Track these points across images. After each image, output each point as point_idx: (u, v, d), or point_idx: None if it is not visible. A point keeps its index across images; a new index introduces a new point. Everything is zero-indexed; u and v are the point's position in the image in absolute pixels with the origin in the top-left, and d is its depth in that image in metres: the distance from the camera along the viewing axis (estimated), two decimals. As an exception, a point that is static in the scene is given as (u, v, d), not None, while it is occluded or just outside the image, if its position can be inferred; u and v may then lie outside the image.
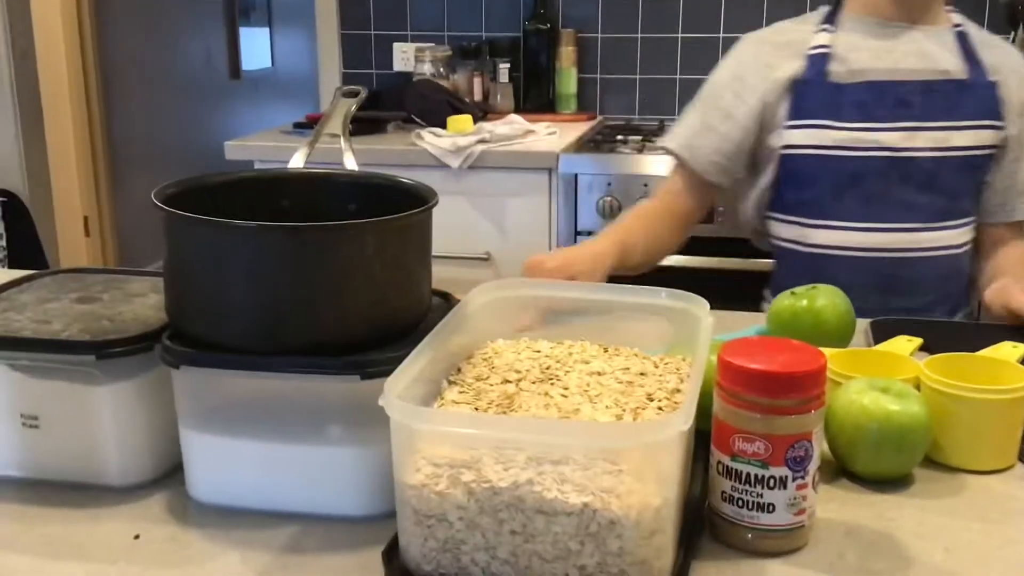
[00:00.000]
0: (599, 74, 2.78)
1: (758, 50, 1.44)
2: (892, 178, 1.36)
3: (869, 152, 1.35)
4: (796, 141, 1.38)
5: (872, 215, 1.36)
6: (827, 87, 1.37)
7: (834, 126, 1.36)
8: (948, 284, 1.42)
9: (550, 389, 0.78)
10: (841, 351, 0.94)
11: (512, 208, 2.33)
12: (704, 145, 1.45)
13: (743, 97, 1.42)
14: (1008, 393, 0.83)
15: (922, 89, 1.35)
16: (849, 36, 1.39)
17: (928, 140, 1.35)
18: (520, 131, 2.39)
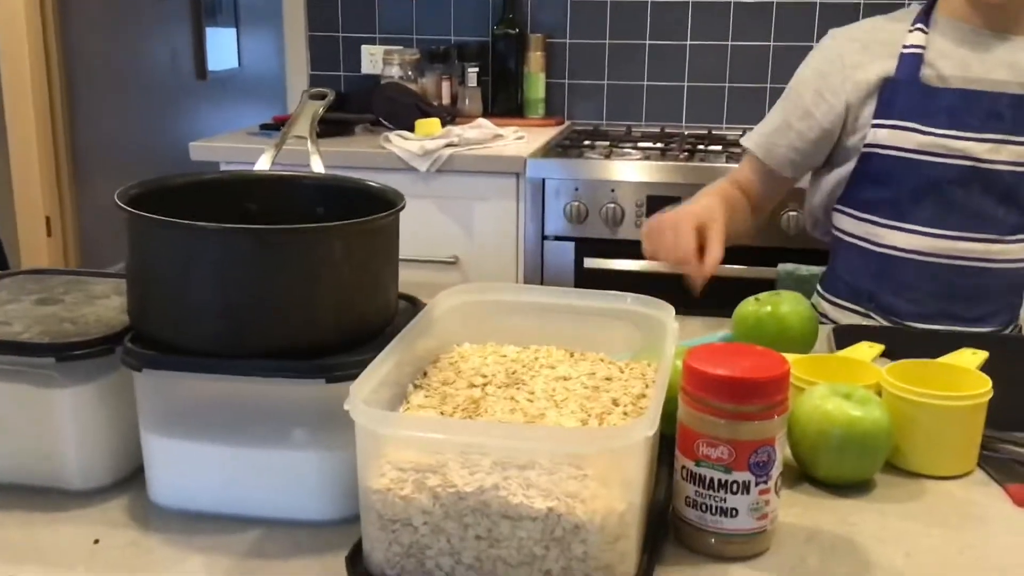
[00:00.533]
0: (567, 79, 2.78)
1: (845, 48, 1.40)
2: (973, 188, 1.33)
3: (954, 160, 1.32)
4: (881, 141, 1.35)
5: (947, 223, 1.34)
6: (918, 89, 1.33)
7: (922, 130, 1.33)
8: (1010, 296, 1.40)
9: (516, 394, 0.78)
10: (804, 357, 0.95)
11: (480, 212, 2.32)
12: (780, 143, 1.43)
13: (824, 96, 1.39)
14: (968, 400, 0.84)
15: (1014, 103, 1.33)
16: (942, 39, 1.36)
17: (1013, 154, 1.33)
18: (488, 135, 2.39)
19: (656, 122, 2.75)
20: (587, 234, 2.27)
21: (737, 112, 2.72)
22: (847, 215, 1.43)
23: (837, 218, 1.45)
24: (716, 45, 2.69)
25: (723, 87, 2.72)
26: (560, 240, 2.30)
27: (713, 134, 2.63)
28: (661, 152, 2.36)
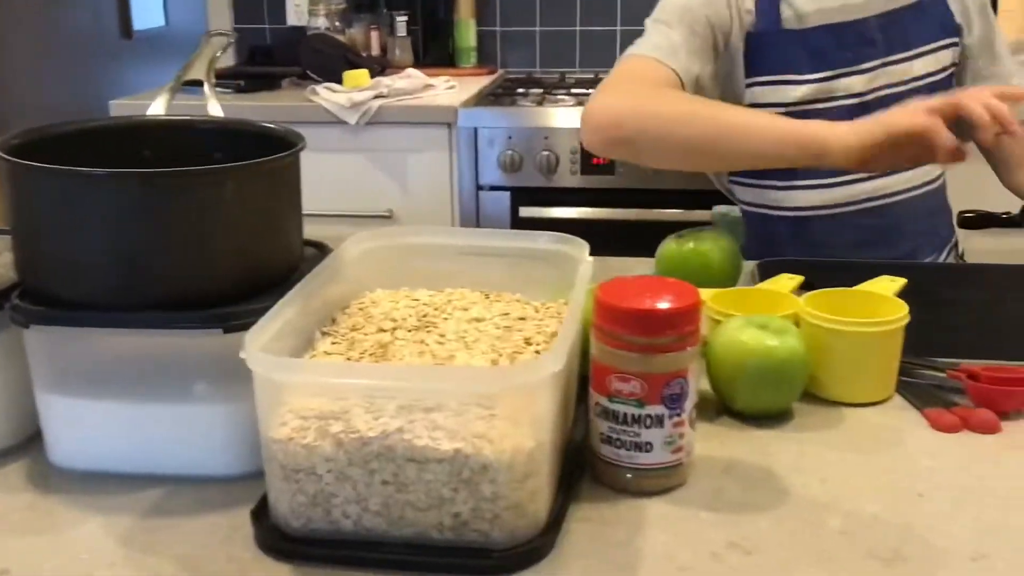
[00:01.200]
0: (499, 27, 2.74)
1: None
2: None
3: (838, 102, 1.26)
4: (759, 100, 1.27)
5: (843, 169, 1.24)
6: (781, 36, 1.26)
7: (797, 80, 1.26)
8: (932, 221, 1.36)
9: (426, 337, 0.76)
10: (724, 291, 0.94)
11: (412, 164, 2.29)
12: (694, 72, 1.24)
13: (714, 26, 1.25)
14: (884, 325, 0.84)
15: (880, 23, 1.27)
16: None
17: (891, 76, 1.28)
18: (419, 85, 2.35)
19: (591, 68, 2.72)
20: (522, 183, 2.25)
21: (670, 55, 2.70)
22: (745, 185, 1.37)
23: (738, 191, 1.40)
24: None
25: (656, 30, 2.69)
26: (495, 190, 2.27)
27: (647, 78, 2.61)
28: (594, 98, 2.33)
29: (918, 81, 1.29)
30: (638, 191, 2.23)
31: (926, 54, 1.30)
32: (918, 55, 1.29)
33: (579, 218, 2.26)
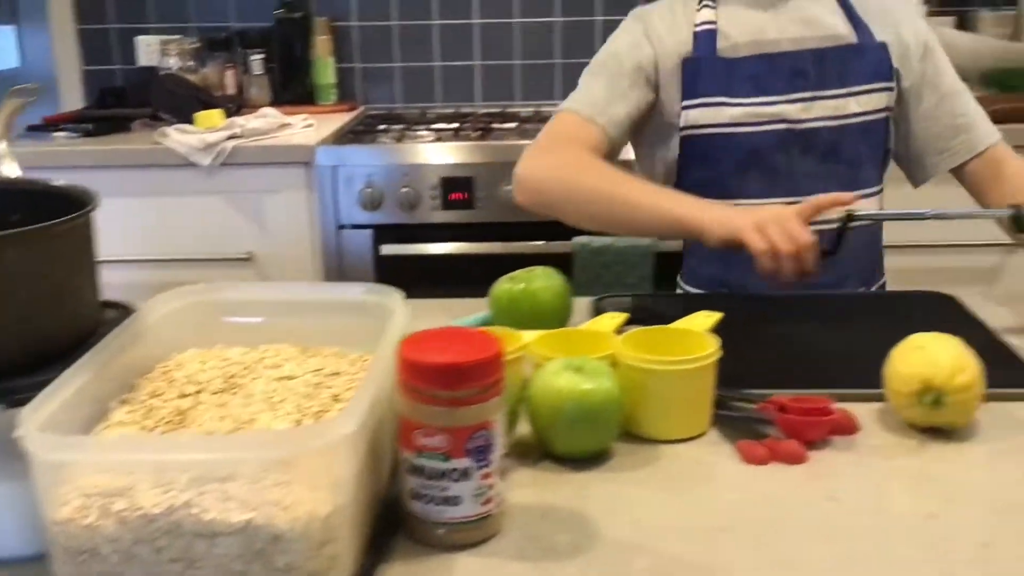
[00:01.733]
0: (358, 63, 2.73)
1: (649, 23, 1.38)
2: (793, 151, 1.33)
3: (767, 126, 1.31)
4: (694, 121, 1.33)
5: (777, 190, 1.32)
6: (718, 63, 1.32)
7: (731, 102, 1.31)
8: (863, 255, 1.39)
9: (231, 399, 0.74)
10: (549, 333, 0.95)
11: (270, 205, 2.25)
12: (620, 113, 1.35)
13: (643, 66, 1.35)
14: (695, 362, 0.86)
15: (814, 57, 1.32)
16: (732, 9, 1.36)
17: (825, 109, 1.32)
18: (275, 124, 2.32)
19: (451, 103, 2.74)
20: (384, 220, 2.24)
21: (529, 89, 2.74)
22: None
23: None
24: (503, 23, 2.69)
25: (512, 64, 2.72)
26: (357, 228, 2.25)
27: (507, 111, 2.64)
28: (454, 132, 2.34)
29: (853, 118, 1.34)
30: (500, 224, 2.24)
31: (861, 94, 1.34)
32: (852, 93, 1.34)
33: (442, 253, 2.26)
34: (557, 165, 1.32)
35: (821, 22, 1.35)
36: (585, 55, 2.66)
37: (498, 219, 2.24)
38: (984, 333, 1.07)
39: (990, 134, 1.37)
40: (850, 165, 1.36)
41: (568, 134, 1.35)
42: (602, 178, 1.29)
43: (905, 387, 0.86)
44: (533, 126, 2.37)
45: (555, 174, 1.31)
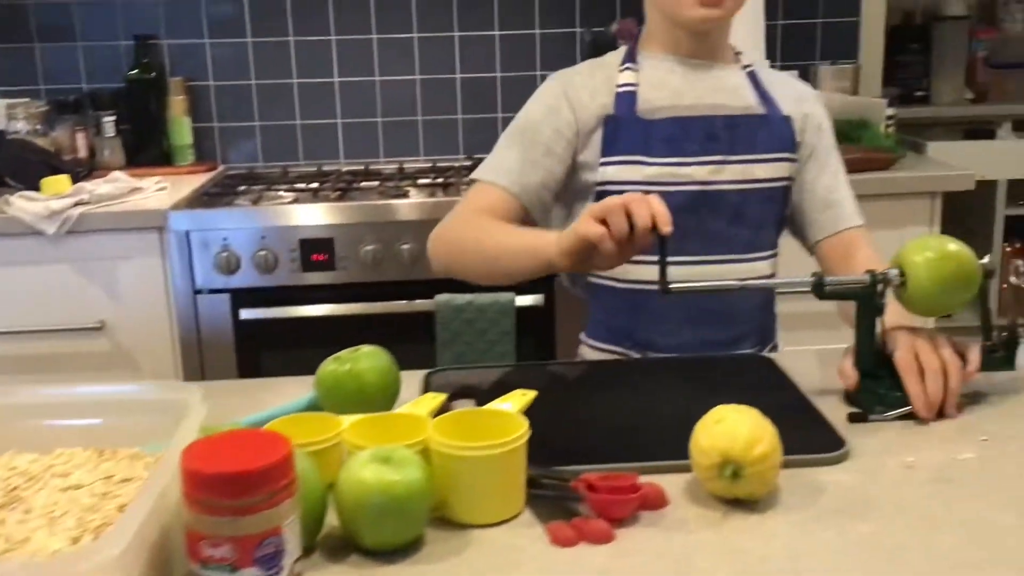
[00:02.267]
0: (216, 122, 2.69)
1: (569, 87, 1.41)
2: (703, 211, 1.36)
3: (680, 187, 1.36)
4: (611, 177, 1.36)
5: (685, 249, 1.34)
6: (637, 123, 1.37)
7: (646, 161, 1.35)
8: (759, 316, 1.44)
9: (9, 516, 0.71)
10: (364, 418, 0.94)
11: (123, 271, 2.19)
12: (533, 181, 1.39)
13: (561, 131, 1.39)
14: (501, 447, 0.86)
15: (726, 124, 1.38)
16: (653, 73, 1.40)
17: (734, 173, 1.37)
18: (125, 189, 2.26)
19: (314, 160, 2.72)
20: (242, 284, 2.20)
21: (393, 146, 2.74)
22: None
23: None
24: (365, 81, 2.70)
25: (375, 122, 2.73)
26: (214, 293, 2.21)
27: (370, 169, 2.64)
28: (313, 193, 2.33)
29: (759, 183, 1.40)
30: (360, 284, 2.23)
31: (766, 161, 1.40)
32: (759, 160, 1.40)
33: (304, 316, 2.23)
34: (450, 228, 1.38)
35: (734, 92, 1.42)
36: (447, 112, 2.73)
37: (360, 279, 2.23)
38: (796, 396, 1.11)
39: (854, 217, 1.44)
40: (753, 228, 1.41)
41: (480, 204, 1.39)
42: (482, 232, 1.34)
43: (706, 460, 0.88)
44: (395, 184, 2.38)
45: (446, 237, 1.38)
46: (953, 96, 3.45)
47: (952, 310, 1.09)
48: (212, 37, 2.64)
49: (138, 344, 2.21)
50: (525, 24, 2.68)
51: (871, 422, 1.06)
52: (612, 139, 1.38)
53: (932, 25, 3.44)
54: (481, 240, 1.33)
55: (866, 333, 1.09)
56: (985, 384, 1.13)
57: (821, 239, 1.44)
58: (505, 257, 1.29)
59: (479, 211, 1.38)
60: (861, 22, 2.74)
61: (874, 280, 1.07)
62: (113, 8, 2.61)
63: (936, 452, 0.98)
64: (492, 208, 1.38)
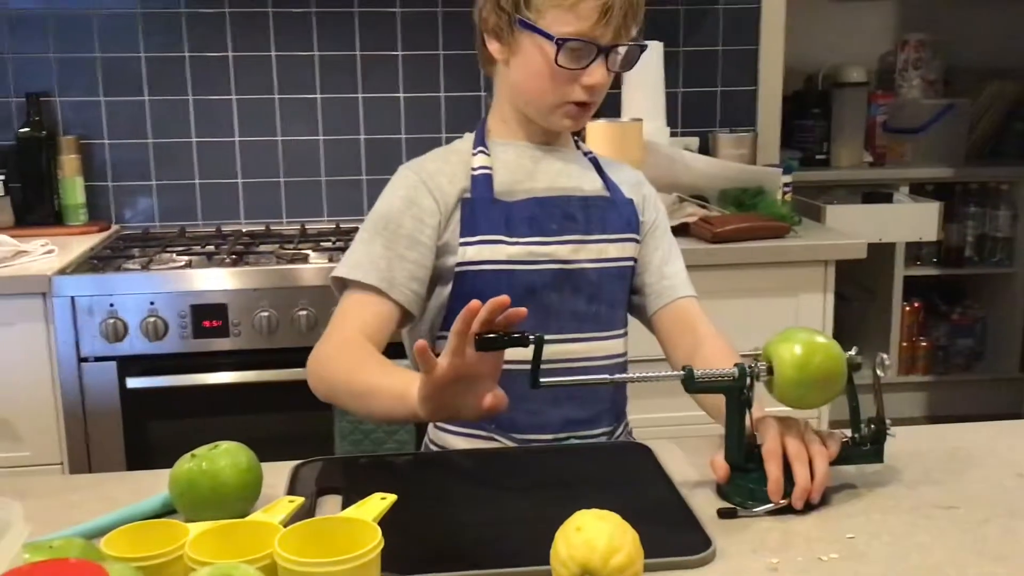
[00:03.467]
0: (111, 181, 2.62)
1: (423, 174, 1.39)
2: (565, 289, 1.37)
3: (543, 265, 1.37)
4: (471, 258, 1.35)
5: (548, 327, 1.34)
6: (496, 205, 1.37)
7: (507, 240, 1.35)
8: (614, 393, 1.44)
9: None
10: (211, 527, 0.90)
11: (5, 338, 2.09)
12: (401, 276, 1.34)
13: (423, 220, 1.36)
14: (352, 562, 0.82)
15: (582, 204, 1.40)
16: (505, 156, 1.41)
17: (591, 252, 1.39)
18: (8, 253, 2.18)
19: (214, 220, 2.67)
20: (129, 351, 2.13)
21: (296, 207, 2.71)
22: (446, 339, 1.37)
23: (439, 344, 1.40)
24: (267, 140, 2.67)
25: (278, 182, 2.69)
26: (100, 360, 2.13)
27: (271, 230, 2.59)
28: (208, 257, 2.27)
29: (612, 263, 1.42)
30: (256, 351, 2.18)
31: (617, 241, 1.43)
32: (610, 240, 1.42)
33: (193, 384, 2.16)
34: (322, 358, 1.31)
35: (582, 176, 1.45)
36: (353, 172, 2.71)
37: (254, 346, 2.17)
38: (667, 490, 1.10)
39: (687, 287, 1.47)
40: (609, 306, 1.43)
41: (352, 321, 1.34)
42: (352, 366, 1.27)
43: (565, 570, 0.86)
44: (294, 247, 2.34)
45: (319, 371, 1.30)
46: (853, 159, 3.56)
47: (820, 403, 1.09)
48: (108, 95, 2.58)
49: (19, 414, 2.12)
50: (430, 87, 2.68)
51: (740, 518, 1.05)
52: (471, 221, 1.37)
53: (832, 91, 3.55)
54: (351, 379, 1.26)
55: (735, 426, 1.08)
56: (855, 477, 1.13)
57: (658, 308, 1.46)
58: (374, 401, 1.22)
59: (353, 330, 1.32)
60: (759, 90, 2.81)
61: (743, 373, 1.07)
62: (4, 64, 2.53)
63: (801, 551, 0.98)
64: (365, 323, 1.32)
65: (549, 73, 1.32)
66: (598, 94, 1.36)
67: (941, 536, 1.00)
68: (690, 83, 2.78)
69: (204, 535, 0.88)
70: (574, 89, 1.33)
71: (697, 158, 2.47)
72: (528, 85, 1.36)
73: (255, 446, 1.11)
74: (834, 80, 3.57)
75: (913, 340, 3.72)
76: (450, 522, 1.04)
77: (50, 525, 1.00)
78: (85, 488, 1.14)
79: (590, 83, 1.32)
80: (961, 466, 1.17)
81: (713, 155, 2.67)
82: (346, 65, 2.65)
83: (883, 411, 1.11)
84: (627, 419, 1.51)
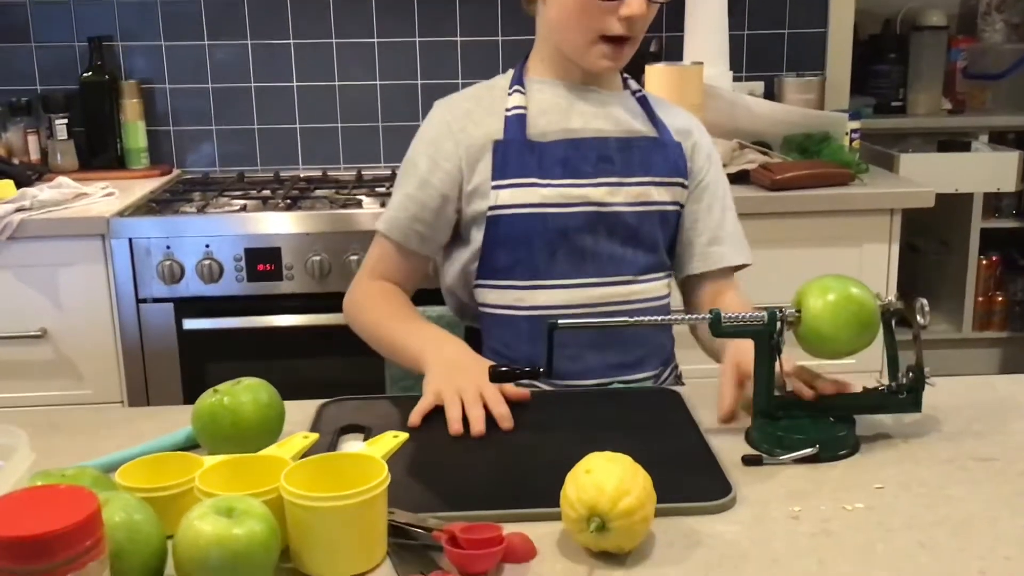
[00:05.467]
0: (172, 126, 2.66)
1: (451, 115, 1.38)
2: (600, 232, 1.34)
3: (576, 208, 1.33)
4: (503, 201, 1.33)
5: (583, 271, 1.34)
6: (529, 146, 1.34)
7: (540, 183, 1.33)
8: (658, 336, 1.42)
9: None
10: (220, 461, 0.90)
11: (66, 279, 2.15)
12: (403, 216, 1.38)
13: (438, 162, 1.36)
14: (357, 497, 0.82)
15: (620, 146, 1.36)
16: (540, 97, 1.38)
17: (629, 195, 1.36)
18: (69, 195, 2.22)
19: (272, 166, 2.69)
20: (185, 293, 2.16)
21: (353, 152, 2.71)
22: (488, 287, 1.40)
23: (480, 293, 1.41)
24: (325, 85, 2.66)
25: (335, 127, 2.69)
26: (158, 302, 2.17)
27: (328, 175, 2.60)
28: (263, 201, 2.29)
29: (653, 206, 1.39)
30: (309, 295, 2.20)
31: (660, 184, 1.39)
32: (653, 183, 1.38)
33: (249, 327, 2.20)
34: (354, 302, 1.43)
35: (623, 118, 1.39)
36: (410, 118, 2.69)
37: (307, 290, 2.19)
38: (693, 436, 1.08)
39: (735, 254, 1.43)
40: (649, 249, 1.39)
41: (382, 263, 1.43)
42: (376, 316, 1.38)
43: (573, 512, 0.84)
44: (348, 192, 2.34)
45: (352, 312, 1.43)
46: (930, 107, 3.41)
47: (848, 352, 1.04)
48: (168, 39, 2.60)
49: (81, 353, 2.18)
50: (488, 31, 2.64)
51: (766, 465, 1.02)
52: (503, 163, 1.34)
53: (910, 35, 3.40)
54: (377, 333, 1.37)
55: (763, 372, 1.05)
56: (891, 427, 1.09)
57: (696, 272, 1.43)
58: (395, 357, 1.34)
59: (378, 277, 1.42)
60: (829, 33, 2.69)
61: (772, 318, 1.03)
62: (68, 9, 2.57)
63: (825, 500, 0.94)
64: (386, 271, 1.42)
65: (583, 5, 1.28)
66: (637, 28, 1.30)
67: (975, 488, 0.96)
68: (756, 25, 2.68)
69: (215, 468, 0.89)
70: (611, 22, 1.29)
71: (760, 103, 2.39)
72: (563, 19, 1.32)
73: (307, 389, 1.18)
74: (912, 24, 3.42)
75: (989, 295, 3.58)
76: (464, 463, 1.04)
77: (77, 457, 1.02)
78: (116, 423, 1.16)
79: (627, 14, 1.27)
80: (1006, 418, 1.12)
81: (778, 100, 2.58)
82: (403, 8, 2.63)
83: (922, 359, 1.06)
84: (675, 363, 1.48)
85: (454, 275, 1.43)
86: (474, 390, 1.14)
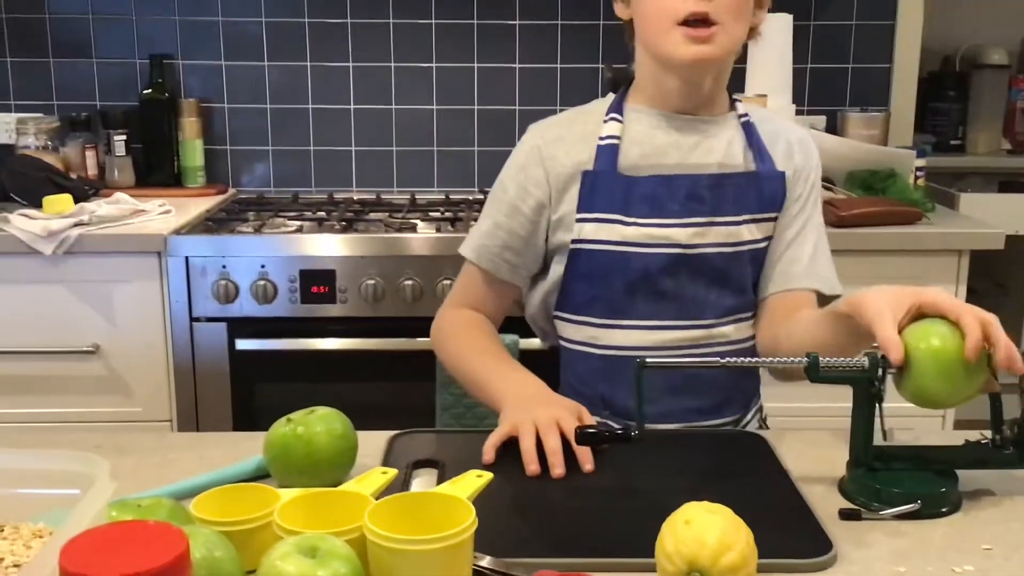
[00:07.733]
0: (229, 145, 2.65)
1: (542, 140, 1.34)
2: (682, 275, 1.29)
3: (660, 249, 1.28)
4: (587, 236, 1.29)
5: (662, 313, 1.30)
6: (617, 180, 1.29)
7: (624, 221, 1.28)
8: (740, 380, 1.36)
9: None
10: (298, 497, 0.86)
11: (120, 295, 2.14)
12: (493, 244, 1.35)
13: (528, 189, 1.32)
14: (443, 541, 0.78)
15: (712, 183, 1.29)
16: (638, 127, 1.31)
17: (718, 235, 1.30)
18: (127, 211, 2.22)
19: (326, 188, 2.67)
20: (238, 313, 2.14)
21: (406, 176, 2.69)
22: (567, 321, 1.36)
23: (559, 326, 1.38)
24: (381, 109, 2.65)
25: (390, 151, 2.68)
26: (211, 321, 2.16)
27: (382, 199, 2.58)
28: (318, 223, 2.27)
29: (745, 245, 1.32)
30: (362, 319, 2.17)
31: (753, 222, 1.32)
32: (746, 221, 1.31)
33: (300, 349, 2.17)
34: (440, 330, 1.41)
35: (722, 150, 1.32)
36: (464, 144, 2.67)
37: (360, 314, 2.16)
38: (784, 484, 1.03)
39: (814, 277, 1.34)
40: (736, 291, 1.33)
41: (470, 292, 1.41)
42: (460, 349, 1.36)
43: (671, 566, 0.80)
44: (403, 216, 2.32)
45: (439, 340, 1.41)
46: (990, 146, 3.34)
47: (956, 402, 0.99)
48: (228, 59, 2.61)
49: (132, 370, 2.16)
50: (547, 58, 2.62)
51: (865, 520, 0.96)
52: (589, 195, 1.30)
53: (971, 73, 3.34)
54: (460, 365, 1.35)
55: (861, 421, 1.00)
56: (994, 483, 1.04)
57: (770, 294, 1.34)
58: (476, 393, 1.32)
59: (465, 306, 1.40)
60: (894, 68, 2.65)
61: (874, 364, 0.98)
62: (130, 26, 2.58)
63: (932, 561, 0.89)
64: (474, 301, 1.40)
65: None
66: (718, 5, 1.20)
67: (1093, 555, 0.90)
68: (819, 59, 2.64)
69: (294, 503, 0.85)
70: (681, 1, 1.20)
71: (824, 137, 2.34)
72: (641, 15, 1.26)
73: (356, 414, 1.11)
74: (973, 62, 3.36)
75: (1048, 341, 3.48)
76: (549, 505, 0.99)
77: (146, 482, 1.00)
78: (183, 447, 1.13)
79: None
80: (1116, 477, 1.06)
81: (841, 135, 2.53)
82: (463, 34, 2.61)
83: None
84: (760, 405, 1.42)
85: (536, 305, 1.40)
86: (548, 418, 1.10)
